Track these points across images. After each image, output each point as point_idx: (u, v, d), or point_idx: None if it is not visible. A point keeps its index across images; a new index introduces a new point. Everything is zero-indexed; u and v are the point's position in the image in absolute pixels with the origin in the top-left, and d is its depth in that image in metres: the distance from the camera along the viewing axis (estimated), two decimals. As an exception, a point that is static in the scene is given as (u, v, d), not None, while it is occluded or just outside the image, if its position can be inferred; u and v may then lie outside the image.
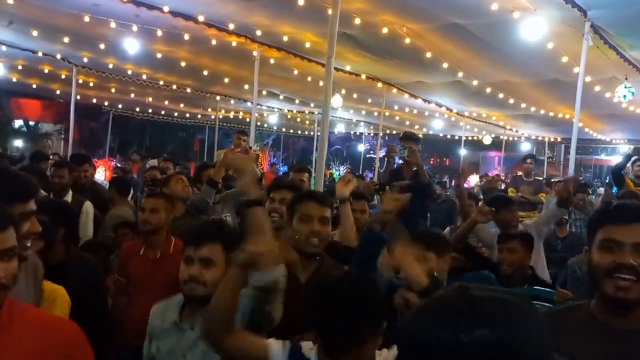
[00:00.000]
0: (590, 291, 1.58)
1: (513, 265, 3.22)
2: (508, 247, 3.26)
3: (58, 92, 13.25)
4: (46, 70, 10.47)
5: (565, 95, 8.37)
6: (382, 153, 16.20)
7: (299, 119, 16.50)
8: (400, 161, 5.29)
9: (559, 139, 16.71)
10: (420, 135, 9.20)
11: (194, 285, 1.94)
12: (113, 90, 12.45)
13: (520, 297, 0.87)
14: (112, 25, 6.87)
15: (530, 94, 9.22)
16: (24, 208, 1.52)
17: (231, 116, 16.41)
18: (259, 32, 7.02)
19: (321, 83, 9.80)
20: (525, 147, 18.70)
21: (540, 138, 16.83)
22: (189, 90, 11.74)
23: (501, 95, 9.31)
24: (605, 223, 1.45)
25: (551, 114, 10.91)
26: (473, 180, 14.23)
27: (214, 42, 7.46)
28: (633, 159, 6.33)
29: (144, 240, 3.09)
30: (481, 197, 6.84)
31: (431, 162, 25.77)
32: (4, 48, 8.63)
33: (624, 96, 7.10)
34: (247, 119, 14.83)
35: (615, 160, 15.63)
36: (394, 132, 15.56)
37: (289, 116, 16.26)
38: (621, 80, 7.18)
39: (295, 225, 2.27)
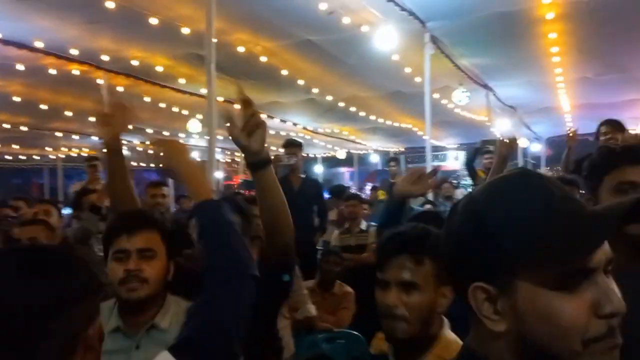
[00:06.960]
0: None
1: None
2: None
3: None
4: None
5: (408, 105, 9.01)
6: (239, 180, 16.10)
7: (151, 151, 15.73)
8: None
9: (402, 149, 17.89)
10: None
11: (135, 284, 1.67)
12: None
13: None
14: None
15: (377, 106, 9.79)
16: None
17: (75, 155, 15.17)
18: (105, 58, 6.61)
19: (174, 109, 9.58)
20: (374, 160, 19.64)
21: (387, 149, 17.90)
22: (23, 128, 10.63)
23: (353, 109, 9.78)
24: (617, 165, 1.44)
25: (396, 124, 11.66)
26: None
27: (53, 71, 6.87)
28: (482, 150, 6.93)
29: None
30: None
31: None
32: None
33: (460, 100, 7.91)
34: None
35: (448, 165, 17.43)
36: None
37: (140, 149, 15.45)
38: (454, 88, 7.97)
39: None
